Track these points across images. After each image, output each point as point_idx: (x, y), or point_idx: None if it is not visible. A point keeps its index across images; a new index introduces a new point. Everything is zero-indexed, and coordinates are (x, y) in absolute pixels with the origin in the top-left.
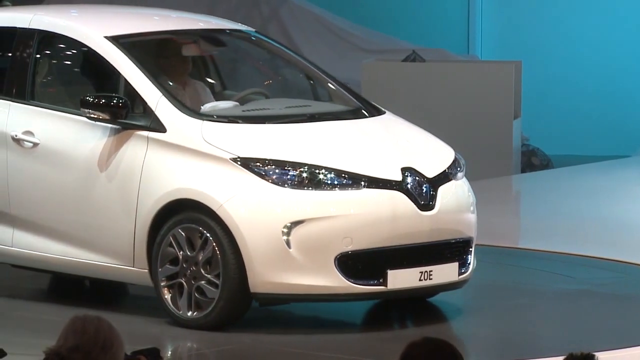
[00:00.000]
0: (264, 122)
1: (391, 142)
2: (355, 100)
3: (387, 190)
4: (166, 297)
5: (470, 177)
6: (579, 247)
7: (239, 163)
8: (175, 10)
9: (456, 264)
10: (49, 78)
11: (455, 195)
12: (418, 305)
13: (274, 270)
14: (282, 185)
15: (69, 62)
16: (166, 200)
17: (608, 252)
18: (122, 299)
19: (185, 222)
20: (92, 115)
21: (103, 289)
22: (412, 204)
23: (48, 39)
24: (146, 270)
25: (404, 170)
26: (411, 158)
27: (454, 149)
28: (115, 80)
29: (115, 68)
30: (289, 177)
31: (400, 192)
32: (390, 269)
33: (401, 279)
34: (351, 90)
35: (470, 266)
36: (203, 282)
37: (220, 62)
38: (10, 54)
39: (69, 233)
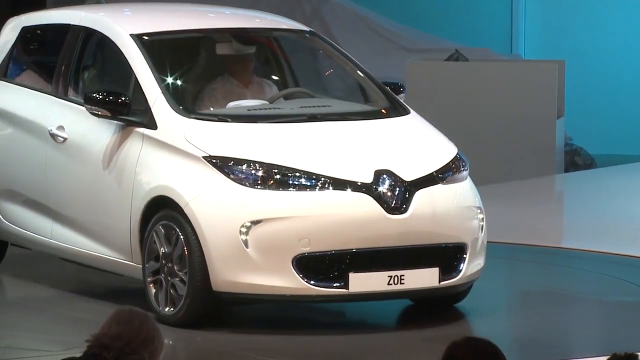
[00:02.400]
0: (255, 122)
1: (380, 144)
2: (386, 99)
3: (353, 193)
4: (150, 292)
5: (513, 177)
6: (624, 246)
7: (208, 161)
8: (228, 7)
9: (436, 269)
10: (83, 74)
11: (444, 198)
12: (454, 305)
13: (232, 269)
14: (245, 184)
15: (101, 59)
16: (149, 197)
17: None
18: (117, 291)
19: (164, 219)
20: (95, 112)
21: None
22: (380, 207)
23: (89, 36)
24: (141, 266)
25: (379, 172)
26: (393, 161)
27: (466, 151)
28: (133, 77)
29: (130, 65)
30: (252, 176)
31: (368, 195)
32: (353, 272)
33: (365, 282)
34: (385, 89)
35: (462, 272)
36: (177, 279)
37: (293, 60)
38: (61, 50)
39: (87, 227)
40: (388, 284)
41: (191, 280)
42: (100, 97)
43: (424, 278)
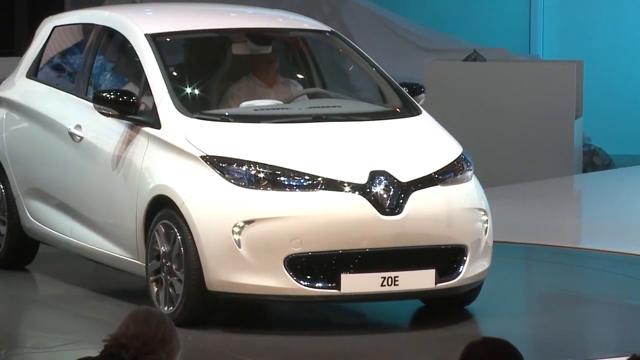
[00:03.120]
0: (258, 122)
1: (380, 145)
2: (399, 100)
3: (346, 193)
4: (152, 291)
5: (531, 177)
6: None
7: (205, 161)
8: (251, 7)
9: (432, 271)
10: (99, 73)
11: (442, 199)
12: (471, 305)
13: (225, 269)
14: (240, 184)
15: (116, 58)
16: (151, 196)
17: None
18: (133, 290)
19: (164, 218)
20: (104, 111)
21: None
22: (373, 208)
23: (110, 35)
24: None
25: (375, 173)
26: (391, 162)
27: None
28: (144, 76)
29: (142, 64)
30: (246, 176)
31: (362, 195)
32: (345, 273)
33: (357, 283)
34: (399, 89)
35: (461, 275)
36: (175, 278)
37: (320, 60)
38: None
39: (100, 225)
40: (381, 285)
41: (187, 280)
42: (108, 96)
43: (419, 280)
